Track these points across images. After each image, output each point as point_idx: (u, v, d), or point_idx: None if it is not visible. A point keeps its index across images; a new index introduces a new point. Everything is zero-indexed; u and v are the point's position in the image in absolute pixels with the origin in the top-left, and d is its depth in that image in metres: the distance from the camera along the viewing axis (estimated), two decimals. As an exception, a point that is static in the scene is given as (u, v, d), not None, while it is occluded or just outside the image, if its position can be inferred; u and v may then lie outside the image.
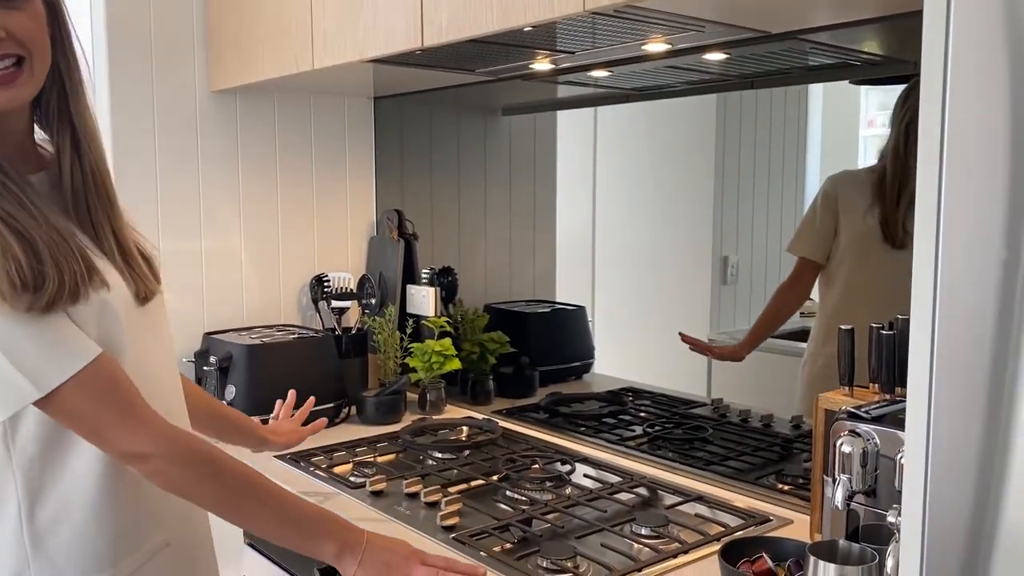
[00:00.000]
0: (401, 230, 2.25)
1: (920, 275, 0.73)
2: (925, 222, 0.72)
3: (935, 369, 0.73)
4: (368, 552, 1.10)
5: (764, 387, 2.01)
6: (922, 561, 0.75)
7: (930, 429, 0.74)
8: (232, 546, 1.77)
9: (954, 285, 0.71)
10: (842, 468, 0.99)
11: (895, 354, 1.19)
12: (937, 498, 0.74)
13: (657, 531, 1.35)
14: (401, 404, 2.01)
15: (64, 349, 0.96)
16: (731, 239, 2.15)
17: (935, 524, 0.74)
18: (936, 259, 0.73)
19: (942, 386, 0.73)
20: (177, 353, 1.30)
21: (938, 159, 0.72)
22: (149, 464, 1.01)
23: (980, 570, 0.73)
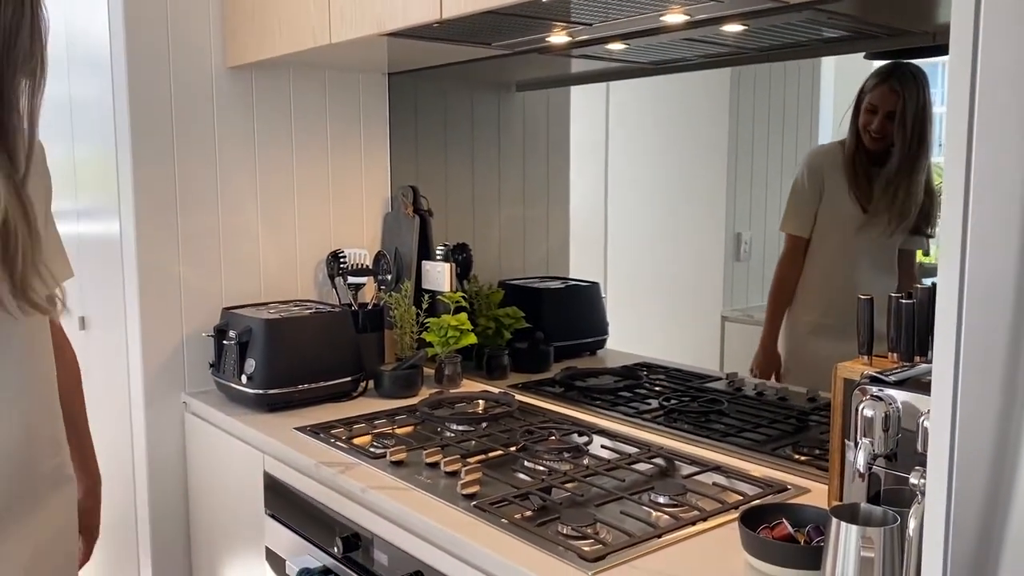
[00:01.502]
0: (416, 206, 2.25)
1: (948, 240, 0.73)
2: (953, 193, 0.73)
3: (963, 330, 0.74)
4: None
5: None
6: (948, 521, 0.76)
7: (957, 390, 0.74)
8: (254, 517, 1.80)
9: (980, 249, 0.72)
10: (864, 432, 1.00)
11: (914, 324, 1.19)
12: (963, 458, 0.75)
13: (676, 499, 1.36)
14: (418, 378, 2.03)
15: None
16: (744, 216, 2.15)
17: (961, 483, 0.75)
18: (965, 224, 0.73)
19: (968, 348, 0.74)
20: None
21: (967, 127, 0.72)
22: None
23: (1002, 529, 0.74)
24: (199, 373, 2.07)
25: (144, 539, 2.10)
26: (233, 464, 1.88)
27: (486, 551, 1.21)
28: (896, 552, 0.91)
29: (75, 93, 2.29)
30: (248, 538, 1.84)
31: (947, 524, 0.76)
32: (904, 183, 1.58)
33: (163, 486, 2.07)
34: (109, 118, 2.04)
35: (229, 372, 1.93)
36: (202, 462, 2.03)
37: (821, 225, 1.74)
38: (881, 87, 1.56)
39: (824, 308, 1.85)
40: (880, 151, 1.58)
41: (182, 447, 2.07)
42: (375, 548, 1.45)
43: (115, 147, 2.03)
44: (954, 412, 0.75)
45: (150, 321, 2.02)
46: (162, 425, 2.05)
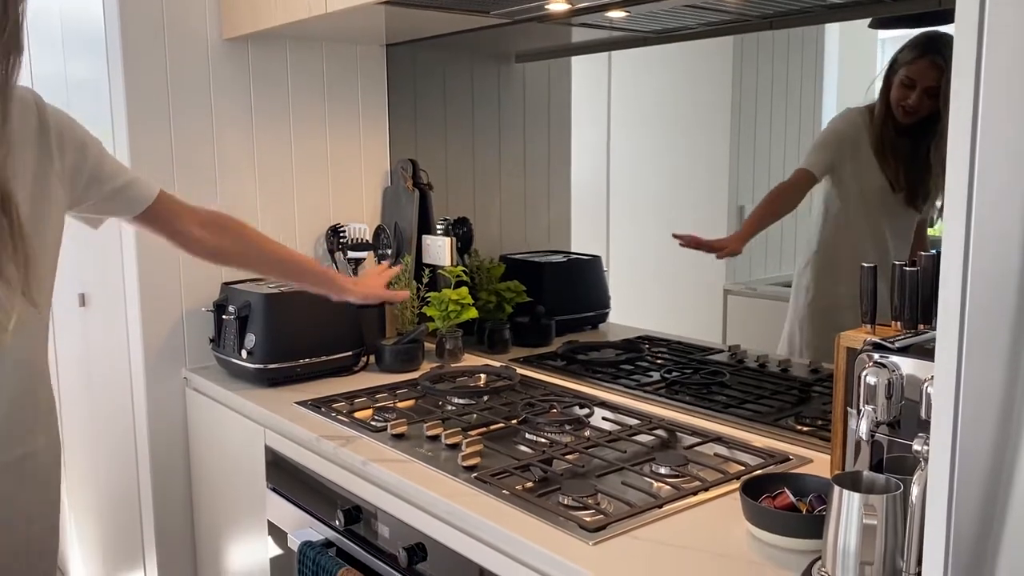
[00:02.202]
0: (416, 180, 2.24)
1: (953, 205, 0.72)
2: (958, 158, 0.71)
3: (968, 295, 0.73)
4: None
5: (780, 334, 2.01)
6: (951, 487, 0.75)
7: (962, 355, 0.73)
8: (256, 491, 1.80)
9: (986, 213, 0.70)
10: (866, 400, 0.99)
11: (918, 291, 1.18)
12: (967, 424, 0.74)
13: (677, 470, 1.35)
14: (419, 352, 2.02)
15: None
16: (747, 187, 2.13)
17: (965, 449, 0.74)
18: (970, 189, 0.72)
19: (973, 313, 0.73)
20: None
21: (972, 90, 0.70)
22: None
23: (1006, 495, 0.73)
24: (199, 349, 2.06)
25: (147, 514, 2.11)
26: (234, 439, 1.88)
27: (487, 522, 1.21)
28: (899, 519, 0.90)
29: (71, 72, 2.27)
30: (250, 512, 1.84)
31: (950, 490, 0.75)
32: (941, 159, 1.55)
33: (165, 461, 2.07)
34: (105, 94, 2.02)
35: (229, 347, 1.92)
36: (204, 437, 2.03)
37: (844, 193, 1.70)
38: (921, 61, 1.49)
39: (848, 280, 1.83)
40: (912, 124, 1.53)
41: (183, 422, 2.07)
42: (377, 520, 1.45)
43: (111, 123, 2.01)
44: (958, 378, 0.74)
45: (150, 297, 2.01)
46: (163, 401, 2.05)
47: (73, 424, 2.59)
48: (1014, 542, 0.72)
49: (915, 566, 0.87)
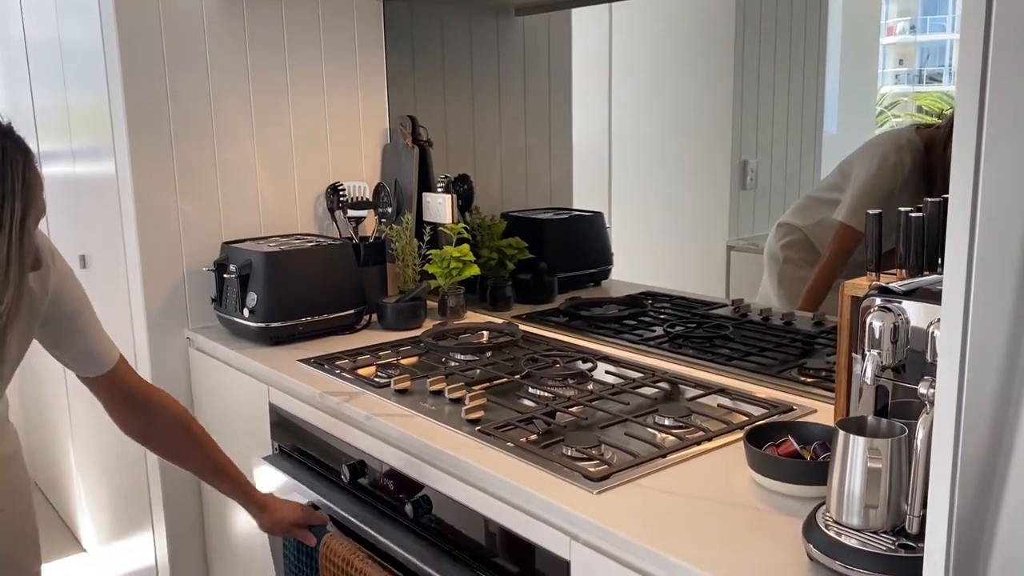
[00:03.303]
0: (415, 137, 2.21)
1: (962, 147, 0.70)
2: (966, 104, 0.69)
3: (976, 235, 0.72)
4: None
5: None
6: (957, 429, 0.75)
7: (970, 293, 0.72)
8: (261, 449, 1.81)
9: (994, 152, 0.69)
10: (871, 344, 0.98)
11: (923, 237, 1.17)
12: (974, 365, 0.73)
13: (680, 421, 1.36)
14: (421, 310, 2.02)
15: None
16: (751, 143, 2.11)
17: (972, 391, 0.74)
18: (980, 130, 0.70)
19: (982, 253, 0.72)
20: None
21: (982, 45, 0.68)
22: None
23: (1012, 436, 0.73)
24: (201, 309, 2.06)
25: (154, 475, 2.12)
26: (238, 397, 1.88)
27: (492, 473, 1.21)
28: (904, 463, 0.90)
29: (64, 37, 2.24)
30: (256, 470, 1.85)
31: (956, 432, 0.75)
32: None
33: (171, 421, 2.08)
34: (99, 57, 1.99)
35: (231, 306, 1.92)
36: (208, 397, 2.04)
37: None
38: None
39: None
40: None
41: (187, 382, 2.08)
42: (381, 475, 1.45)
43: (106, 85, 1.99)
44: (966, 317, 0.73)
45: (150, 258, 2.00)
46: (167, 361, 2.05)
47: (78, 387, 2.60)
48: (1019, 483, 0.72)
49: (919, 509, 0.87)
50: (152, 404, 1.38)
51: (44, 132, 2.52)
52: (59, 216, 2.51)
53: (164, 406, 1.40)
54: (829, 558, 0.90)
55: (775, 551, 0.98)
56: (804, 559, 0.95)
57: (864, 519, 0.90)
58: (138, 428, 1.39)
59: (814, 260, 1.87)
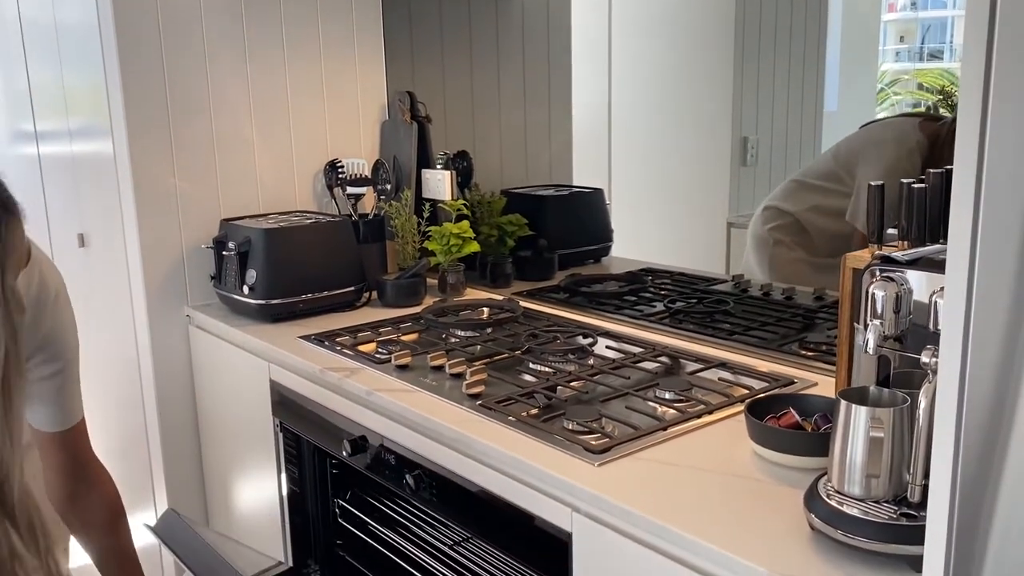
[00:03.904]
0: (414, 113, 2.20)
1: (967, 114, 0.70)
2: (972, 67, 0.69)
3: (982, 203, 0.71)
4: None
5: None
6: (961, 397, 0.74)
7: (975, 258, 0.72)
8: (262, 425, 1.81)
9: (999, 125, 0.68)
10: (873, 314, 0.98)
11: (926, 209, 1.16)
12: (978, 332, 0.73)
13: (681, 395, 1.35)
14: (421, 287, 2.01)
15: None
16: (751, 118, 2.10)
17: (975, 358, 0.73)
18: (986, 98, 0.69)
19: (987, 220, 0.71)
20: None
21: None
22: None
23: (1014, 403, 0.73)
24: (201, 286, 2.06)
25: (155, 453, 2.13)
26: (239, 374, 1.88)
27: (493, 446, 1.21)
28: (906, 433, 0.90)
29: (59, 16, 2.21)
30: (257, 446, 1.86)
31: (959, 401, 0.74)
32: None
33: (171, 400, 2.08)
34: (95, 35, 1.97)
35: (230, 284, 1.91)
36: (209, 374, 2.04)
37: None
38: None
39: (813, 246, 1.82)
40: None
41: (188, 360, 2.08)
42: (382, 450, 1.46)
43: (103, 64, 1.97)
44: (970, 284, 0.73)
45: (149, 235, 1.99)
46: (167, 339, 2.05)
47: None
48: (1021, 451, 0.72)
49: (921, 478, 0.87)
50: (91, 475, 1.26)
51: (41, 111, 2.51)
52: (57, 195, 2.50)
53: (102, 483, 1.28)
54: (830, 527, 0.90)
55: (776, 522, 0.98)
56: (805, 529, 0.95)
57: (866, 488, 0.90)
58: (67, 495, 1.23)
59: (806, 243, 1.86)
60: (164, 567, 2.21)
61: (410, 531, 1.68)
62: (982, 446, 0.74)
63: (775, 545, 0.93)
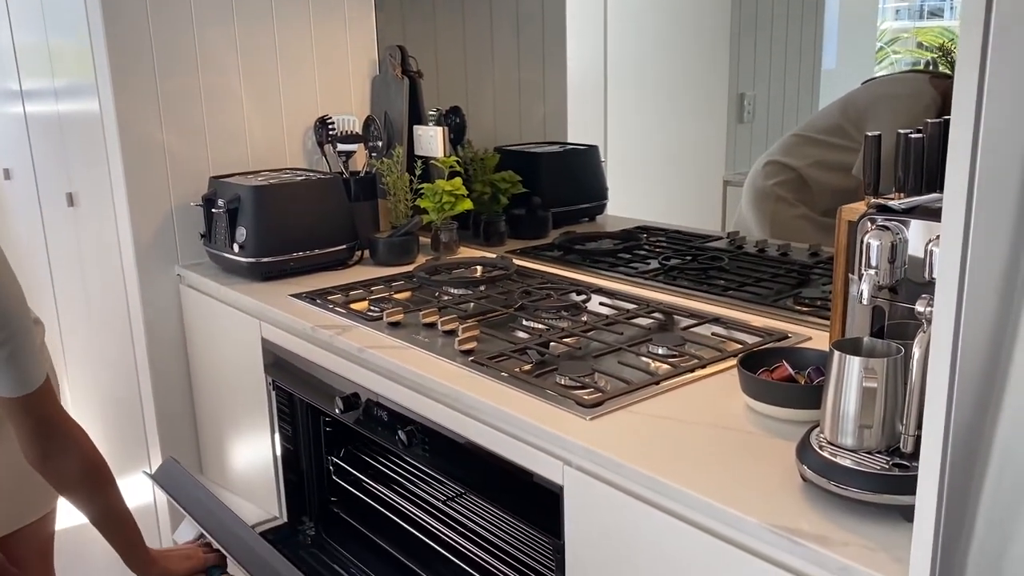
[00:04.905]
0: (405, 68, 2.16)
1: (966, 61, 0.68)
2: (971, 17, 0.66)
3: (979, 152, 0.69)
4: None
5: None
6: (955, 344, 0.73)
7: (971, 208, 0.70)
8: (255, 383, 1.81)
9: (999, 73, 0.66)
10: (868, 264, 0.96)
11: (923, 159, 1.14)
12: (974, 281, 0.71)
13: (674, 350, 1.35)
14: (414, 245, 1.99)
15: None
16: (748, 75, 2.07)
17: (971, 305, 0.72)
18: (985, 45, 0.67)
19: (984, 168, 0.69)
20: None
21: None
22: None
23: (1010, 351, 0.72)
24: (191, 245, 2.04)
25: (149, 414, 2.12)
26: (231, 333, 1.87)
27: (486, 402, 1.21)
28: (899, 383, 0.89)
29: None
30: (250, 404, 1.85)
31: (954, 350, 0.73)
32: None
33: (164, 360, 2.07)
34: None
35: (220, 242, 1.89)
36: (200, 333, 2.02)
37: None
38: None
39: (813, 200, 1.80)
40: None
41: (179, 320, 2.07)
42: (375, 406, 1.45)
43: (87, 20, 1.93)
44: (966, 231, 0.72)
45: (137, 193, 1.97)
46: (158, 299, 2.03)
47: (71, 326, 2.59)
48: (1015, 400, 0.71)
49: (914, 429, 0.86)
50: (61, 435, 1.24)
51: (26, 70, 2.46)
52: (45, 155, 2.47)
53: (75, 440, 1.26)
54: (823, 478, 0.89)
55: (768, 473, 0.97)
56: (797, 481, 0.95)
57: (858, 439, 0.90)
58: (39, 456, 1.23)
59: (807, 200, 1.84)
60: (160, 523, 2.23)
61: (404, 488, 1.68)
62: (976, 395, 0.73)
63: (766, 496, 0.93)
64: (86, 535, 1.35)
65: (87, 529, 1.30)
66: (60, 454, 1.23)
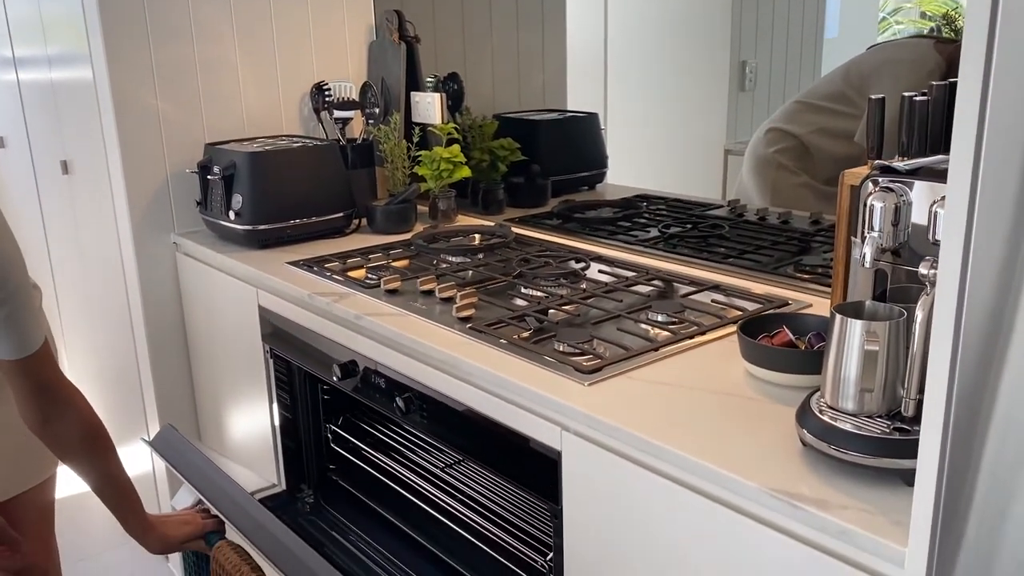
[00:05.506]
0: (402, 33, 2.13)
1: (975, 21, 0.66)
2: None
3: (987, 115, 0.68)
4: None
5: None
6: (960, 305, 0.72)
7: (979, 165, 0.69)
8: (252, 351, 1.80)
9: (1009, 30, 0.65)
10: (871, 226, 0.95)
11: (927, 123, 1.12)
12: (980, 240, 0.70)
13: (674, 317, 1.34)
14: (411, 213, 1.98)
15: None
16: (750, 42, 2.04)
17: (976, 267, 0.71)
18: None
19: (992, 127, 0.68)
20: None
21: None
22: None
23: (1013, 314, 0.70)
24: (187, 213, 2.02)
25: (147, 381, 2.12)
26: (228, 301, 1.86)
27: (482, 367, 1.20)
28: (901, 347, 0.88)
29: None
30: (248, 372, 1.85)
31: (959, 311, 0.72)
32: None
33: (161, 328, 2.06)
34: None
35: (216, 209, 1.88)
36: (197, 302, 2.01)
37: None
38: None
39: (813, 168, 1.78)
40: None
41: (176, 288, 2.05)
42: (372, 373, 1.44)
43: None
44: (973, 191, 0.70)
45: (132, 160, 1.94)
46: (154, 267, 2.02)
47: (67, 294, 2.58)
48: (1017, 362, 0.70)
49: (916, 392, 0.85)
50: (60, 399, 1.23)
51: (19, 38, 2.43)
52: (39, 122, 2.44)
53: (74, 404, 1.25)
54: (823, 442, 0.89)
55: (767, 439, 0.97)
56: (797, 445, 0.94)
57: (859, 403, 0.89)
58: (39, 419, 1.22)
59: (809, 168, 1.82)
60: (158, 490, 2.23)
61: (402, 455, 1.68)
62: (979, 357, 0.72)
63: (766, 461, 0.92)
64: (85, 503, 1.34)
65: (86, 498, 1.30)
66: (59, 418, 1.22)
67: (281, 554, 1.06)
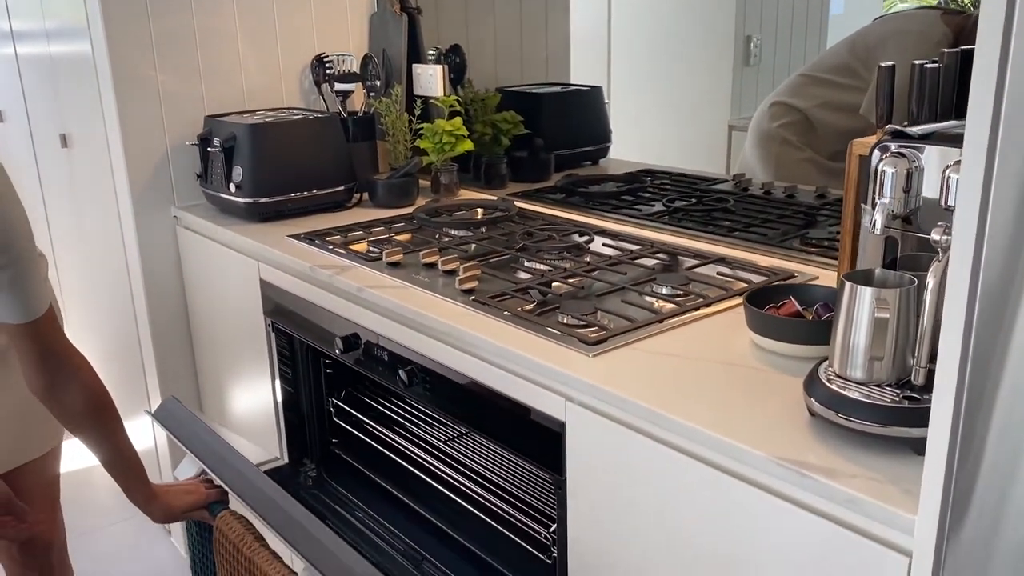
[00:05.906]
0: (403, 4, 2.10)
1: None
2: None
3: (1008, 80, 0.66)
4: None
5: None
6: (976, 271, 0.71)
7: (999, 124, 0.67)
8: (254, 325, 1.79)
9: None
10: (881, 193, 0.93)
11: (939, 91, 1.10)
12: (997, 205, 0.69)
13: (679, 289, 1.32)
14: (413, 187, 1.96)
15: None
16: (754, 17, 2.01)
17: (993, 232, 0.69)
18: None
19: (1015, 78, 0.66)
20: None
21: None
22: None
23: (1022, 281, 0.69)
24: (188, 186, 2.00)
25: (148, 355, 2.11)
26: (229, 275, 1.85)
27: (485, 339, 1.19)
28: (911, 314, 0.87)
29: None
30: (250, 345, 1.84)
31: (973, 277, 0.71)
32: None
33: (162, 302, 2.05)
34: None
35: (216, 182, 1.86)
36: (198, 275, 2.00)
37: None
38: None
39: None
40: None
41: (177, 262, 2.04)
42: (375, 346, 1.43)
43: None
44: (991, 153, 0.69)
45: (132, 132, 1.93)
46: (155, 241, 2.01)
47: (69, 270, 2.57)
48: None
49: (926, 361, 0.84)
50: (67, 365, 1.22)
51: (16, 11, 2.40)
52: (37, 95, 2.42)
53: (81, 371, 1.24)
54: (831, 411, 0.88)
55: (775, 408, 0.96)
56: (804, 415, 0.93)
57: (868, 372, 0.88)
58: (44, 385, 1.21)
59: (814, 142, 1.80)
60: (161, 462, 2.23)
61: (405, 428, 1.68)
62: (990, 324, 0.71)
63: (773, 430, 0.91)
64: (90, 477, 1.34)
65: (90, 472, 1.30)
66: (65, 385, 1.21)
67: (284, 523, 1.06)
